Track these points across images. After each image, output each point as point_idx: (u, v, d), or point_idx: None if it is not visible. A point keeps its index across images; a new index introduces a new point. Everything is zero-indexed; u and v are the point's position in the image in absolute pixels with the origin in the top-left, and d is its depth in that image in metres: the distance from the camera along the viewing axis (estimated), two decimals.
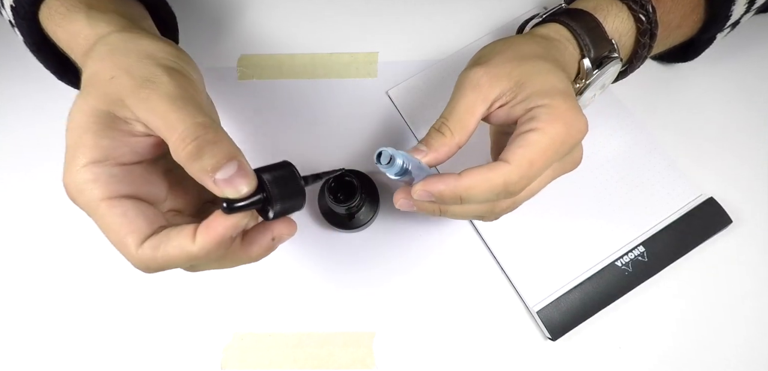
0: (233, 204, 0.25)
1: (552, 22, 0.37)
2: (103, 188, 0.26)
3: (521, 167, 0.30)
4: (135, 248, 0.26)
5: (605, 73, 0.36)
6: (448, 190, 0.30)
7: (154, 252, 0.26)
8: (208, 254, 0.26)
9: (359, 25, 0.50)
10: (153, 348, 0.39)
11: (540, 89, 0.31)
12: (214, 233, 0.25)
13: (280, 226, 0.29)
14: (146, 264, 0.26)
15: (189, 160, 0.25)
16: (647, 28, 0.36)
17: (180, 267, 0.27)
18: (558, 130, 0.30)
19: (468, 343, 0.39)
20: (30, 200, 0.44)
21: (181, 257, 0.26)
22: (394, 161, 0.29)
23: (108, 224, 0.26)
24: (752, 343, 0.38)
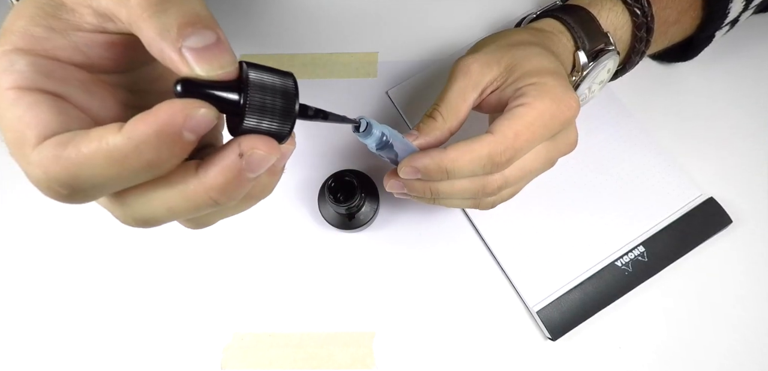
0: (192, 85, 0.18)
1: (546, 17, 0.38)
2: (15, 77, 0.18)
3: (506, 138, 0.29)
4: (32, 146, 0.18)
5: (601, 65, 0.36)
6: (433, 163, 0.30)
7: (60, 150, 0.17)
8: (142, 154, 0.17)
9: (359, 25, 0.50)
10: (153, 348, 0.39)
11: (529, 70, 0.31)
12: (153, 119, 0.17)
13: (252, 139, 0.19)
14: (45, 170, 0.18)
15: (143, 10, 0.18)
16: (643, 22, 0.36)
17: (100, 187, 0.18)
18: (546, 105, 0.30)
19: (468, 343, 0.39)
20: (30, 199, 0.44)
21: (98, 156, 0.17)
22: (371, 131, 0.29)
23: (8, 119, 0.18)
24: (752, 343, 0.38)
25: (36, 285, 0.41)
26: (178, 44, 0.18)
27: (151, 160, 0.17)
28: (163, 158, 0.18)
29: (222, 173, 0.19)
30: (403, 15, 0.50)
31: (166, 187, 0.19)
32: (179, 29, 0.18)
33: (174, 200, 0.19)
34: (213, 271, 0.41)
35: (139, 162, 0.17)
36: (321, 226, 0.42)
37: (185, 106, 0.17)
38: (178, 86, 0.17)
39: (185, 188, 0.19)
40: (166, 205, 0.20)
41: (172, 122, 0.17)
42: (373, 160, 0.44)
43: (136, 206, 0.20)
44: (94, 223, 0.43)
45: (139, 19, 0.18)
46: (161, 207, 0.20)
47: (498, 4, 0.50)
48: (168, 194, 0.19)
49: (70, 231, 0.43)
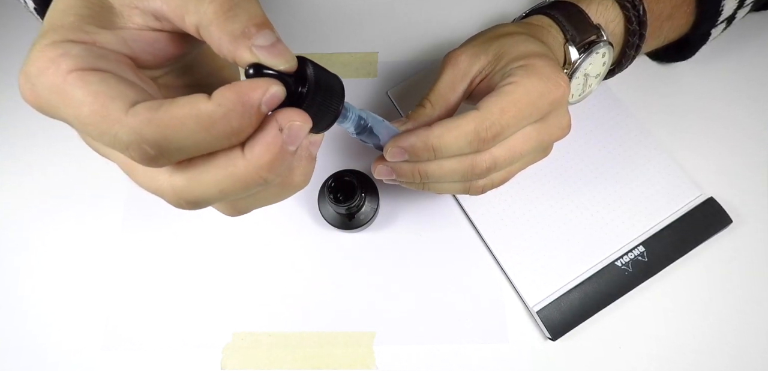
0: (263, 68, 0.20)
1: (535, 14, 0.38)
2: (74, 61, 0.19)
3: (492, 113, 0.29)
4: (123, 110, 0.19)
5: (594, 57, 0.36)
6: (418, 141, 0.30)
7: (153, 113, 0.19)
8: (230, 121, 0.19)
9: (359, 25, 0.50)
10: (153, 348, 0.39)
11: (517, 55, 0.32)
12: (239, 91, 0.19)
13: (290, 113, 0.21)
14: (140, 132, 0.18)
15: (218, 18, 0.20)
16: (635, 15, 0.37)
17: (190, 149, 0.20)
18: (533, 83, 0.30)
19: (468, 343, 0.39)
20: (30, 197, 0.44)
21: (190, 118, 0.19)
22: (346, 114, 0.27)
23: (80, 96, 0.19)
24: (752, 343, 0.38)
25: (36, 285, 0.41)
26: (249, 44, 0.20)
27: (235, 127, 0.19)
28: (245, 125, 0.19)
29: (266, 149, 0.20)
30: (403, 15, 0.50)
31: (217, 168, 0.20)
32: (248, 31, 0.20)
33: (225, 181, 0.21)
34: (213, 271, 0.41)
35: (225, 128, 0.19)
36: (321, 226, 0.42)
37: (264, 82, 0.20)
38: (250, 70, 0.20)
39: (235, 169, 0.20)
40: (218, 186, 0.21)
41: (254, 94, 0.19)
42: (373, 160, 0.44)
43: (188, 188, 0.21)
44: (94, 223, 0.43)
45: (212, 25, 0.20)
46: (213, 188, 0.21)
47: (497, 4, 0.50)
48: (219, 174, 0.21)
49: (71, 231, 0.43)
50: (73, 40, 0.20)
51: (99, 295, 0.41)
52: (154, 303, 0.40)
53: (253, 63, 0.20)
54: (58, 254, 0.42)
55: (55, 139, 0.46)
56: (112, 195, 0.44)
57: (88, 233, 0.43)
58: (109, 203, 0.44)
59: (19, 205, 0.44)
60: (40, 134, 0.46)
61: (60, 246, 0.42)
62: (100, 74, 0.19)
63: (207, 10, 0.20)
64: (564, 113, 0.33)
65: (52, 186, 0.44)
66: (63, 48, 0.19)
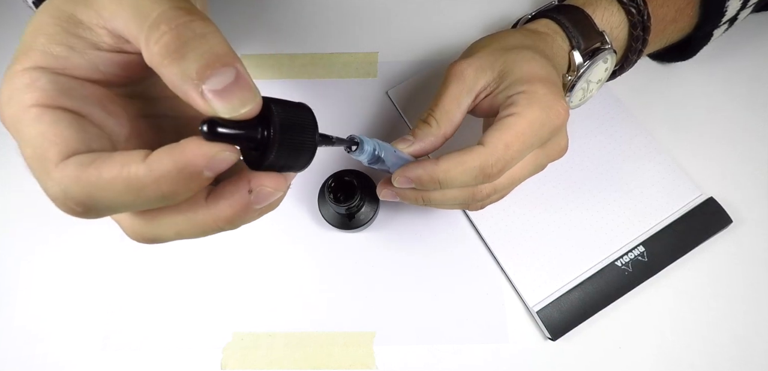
0: (218, 127, 0.18)
1: (541, 18, 0.38)
2: (37, 94, 0.19)
3: (497, 150, 0.30)
4: (55, 163, 0.18)
5: (597, 64, 0.36)
6: (425, 174, 0.31)
7: (81, 171, 0.18)
8: (160, 186, 0.18)
9: (359, 25, 0.50)
10: (153, 348, 0.39)
11: (520, 77, 0.32)
12: (177, 157, 0.18)
13: (262, 176, 0.20)
14: (65, 189, 0.18)
15: (164, 57, 0.18)
16: (639, 21, 0.37)
17: (119, 209, 0.19)
18: (536, 114, 0.30)
19: (468, 343, 0.39)
20: (30, 200, 0.44)
21: (117, 182, 0.18)
22: (363, 147, 0.29)
23: (29, 135, 0.18)
24: (752, 343, 0.38)
25: (36, 285, 0.41)
26: (199, 89, 0.18)
27: (167, 193, 0.18)
28: (180, 191, 0.18)
29: (230, 207, 0.20)
30: (403, 15, 0.50)
31: (177, 214, 0.20)
32: (199, 73, 0.18)
33: (183, 226, 0.20)
34: (213, 271, 0.41)
35: (156, 193, 0.18)
36: (321, 226, 0.42)
37: (209, 149, 0.18)
38: (204, 127, 0.18)
39: (194, 217, 0.20)
40: (175, 229, 0.21)
41: (194, 163, 0.18)
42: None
43: (146, 228, 0.21)
44: (94, 224, 0.43)
45: (161, 66, 0.18)
46: (170, 231, 0.21)
47: (497, 4, 0.50)
48: (178, 219, 0.20)
49: (71, 232, 0.43)
50: (43, 67, 0.19)
51: (99, 295, 0.41)
52: (155, 303, 0.40)
53: (206, 119, 0.18)
54: (57, 255, 0.42)
55: None
56: None
57: (87, 233, 0.43)
58: None
59: (19, 205, 0.44)
60: None
61: (59, 246, 0.42)
62: (56, 114, 0.19)
63: (154, 49, 0.18)
64: (563, 136, 0.33)
65: None
66: (31, 77, 0.19)
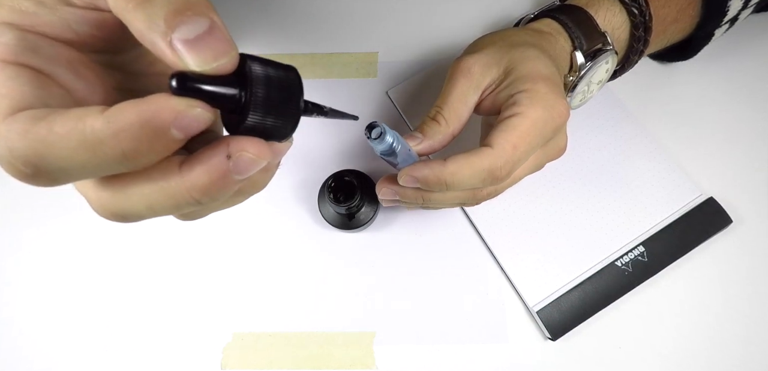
0: (188, 81, 0.16)
1: (544, 17, 0.38)
2: (0, 50, 0.17)
3: (505, 151, 0.30)
4: (2, 117, 0.16)
5: (599, 65, 0.36)
6: (433, 175, 0.30)
7: (30, 124, 0.16)
8: (120, 142, 0.16)
9: (359, 25, 0.50)
10: (153, 348, 0.39)
11: (523, 75, 0.32)
12: (141, 109, 0.16)
13: (242, 140, 0.18)
14: (11, 145, 0.16)
15: (129, 5, 0.16)
16: (641, 22, 0.36)
17: (68, 172, 0.16)
18: (539, 113, 0.30)
19: (468, 343, 0.39)
20: (31, 199, 0.44)
21: (71, 137, 0.15)
22: (384, 138, 0.29)
23: None
24: (752, 343, 0.38)
25: (36, 285, 0.41)
26: (167, 38, 0.16)
27: (128, 151, 0.16)
28: (142, 151, 0.16)
29: (206, 174, 0.17)
30: (403, 15, 0.50)
31: (146, 182, 0.18)
32: (167, 20, 0.16)
33: (154, 197, 0.18)
34: (213, 271, 0.41)
35: (115, 150, 0.16)
36: (321, 226, 0.42)
37: (178, 103, 0.16)
38: (173, 82, 0.16)
39: (166, 185, 0.18)
40: (146, 201, 0.18)
41: (160, 117, 0.15)
42: (373, 160, 0.44)
43: (113, 199, 0.19)
44: (93, 221, 0.43)
45: (125, 11, 0.16)
46: (140, 203, 0.18)
47: (497, 4, 0.50)
48: (147, 189, 0.18)
49: (70, 229, 0.43)
50: (9, 22, 0.18)
51: (99, 295, 0.41)
52: (155, 303, 0.40)
53: (176, 72, 0.16)
54: (56, 255, 0.42)
55: None
56: None
57: (88, 233, 0.43)
58: None
59: (12, 202, 0.44)
60: None
61: (58, 246, 0.42)
62: (16, 69, 0.17)
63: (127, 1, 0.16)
64: (562, 136, 0.34)
65: (51, 191, 0.45)
66: None
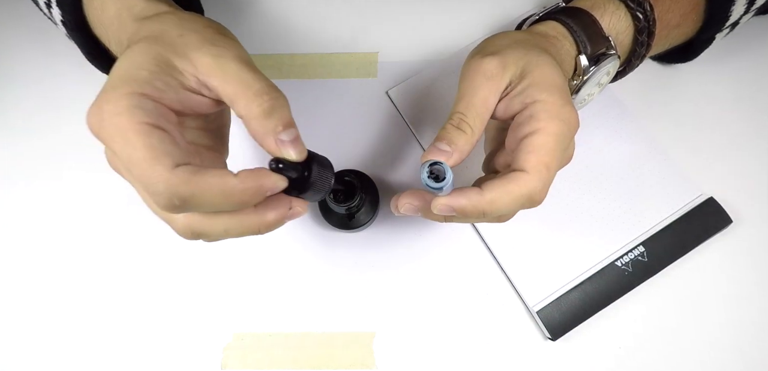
0: (280, 165, 0.27)
1: (548, 20, 0.37)
2: (144, 115, 0.25)
3: (542, 175, 0.29)
4: (169, 168, 0.24)
5: (602, 70, 0.36)
6: (471, 206, 0.30)
7: (191, 175, 0.25)
8: (244, 195, 0.26)
9: (359, 25, 0.50)
10: (153, 348, 0.39)
11: (538, 82, 0.31)
12: (258, 177, 0.26)
13: (299, 203, 0.30)
14: (175, 188, 0.24)
15: (261, 116, 0.27)
16: (645, 27, 0.36)
17: (205, 208, 0.26)
18: (559, 127, 0.30)
19: (468, 343, 0.39)
20: (31, 199, 0.44)
21: (216, 187, 0.25)
22: (447, 176, 0.29)
23: (140, 146, 0.24)
24: (752, 343, 0.38)
25: (37, 286, 0.41)
26: (276, 137, 0.27)
27: (244, 200, 0.26)
28: (250, 201, 0.27)
29: (275, 214, 0.28)
30: (403, 15, 0.50)
31: (233, 215, 0.27)
32: (278, 128, 0.27)
33: (232, 225, 0.28)
34: (213, 271, 0.41)
35: (238, 199, 0.26)
36: (321, 226, 0.42)
37: (277, 178, 0.27)
38: (272, 164, 0.28)
39: (245, 218, 0.28)
40: (225, 227, 0.27)
41: (266, 184, 0.27)
42: (373, 160, 0.44)
43: (202, 224, 0.27)
44: (94, 224, 0.43)
45: (251, 118, 0.27)
46: (220, 227, 0.27)
47: (498, 4, 0.50)
48: (231, 219, 0.27)
49: (72, 232, 0.43)
50: (146, 95, 0.25)
51: (99, 295, 0.41)
52: (155, 303, 0.40)
53: (275, 158, 0.27)
54: (59, 254, 0.42)
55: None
56: (113, 199, 0.44)
57: (89, 234, 0.43)
58: (110, 207, 0.44)
59: (12, 203, 0.44)
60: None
61: (61, 246, 0.42)
62: (159, 132, 0.25)
63: (255, 111, 0.27)
64: (572, 144, 0.33)
65: (51, 192, 0.45)
66: (138, 101, 0.25)
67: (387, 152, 0.45)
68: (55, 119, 0.47)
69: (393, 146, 0.45)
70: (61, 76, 0.48)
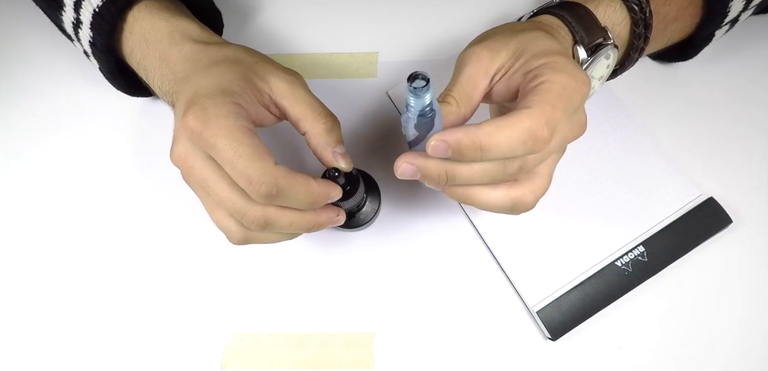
0: (336, 174, 0.35)
1: (543, 14, 0.37)
2: (244, 121, 0.31)
3: (545, 111, 0.27)
4: (273, 164, 0.30)
5: (600, 60, 0.36)
6: (467, 138, 0.28)
7: (289, 173, 0.30)
8: (318, 196, 0.32)
9: (359, 25, 0.50)
10: (153, 348, 0.39)
11: (537, 52, 0.31)
12: (328, 186, 0.34)
13: (340, 210, 0.36)
14: (277, 180, 0.29)
15: (324, 133, 0.34)
16: (641, 18, 0.36)
17: (290, 201, 0.31)
18: (567, 79, 0.29)
19: (468, 343, 0.39)
20: (31, 200, 0.44)
21: (304, 186, 0.31)
22: (429, 88, 0.26)
23: (248, 143, 0.30)
24: (752, 343, 0.38)
25: (37, 286, 0.41)
26: (333, 150, 0.34)
27: (316, 202, 0.33)
28: (318, 202, 0.33)
29: (327, 216, 0.35)
30: (403, 15, 0.50)
31: (297, 212, 0.33)
32: (334, 143, 0.34)
33: (296, 219, 0.33)
34: (213, 271, 0.41)
35: (314, 199, 0.32)
36: None
37: (336, 188, 0.34)
38: (328, 172, 0.36)
39: (306, 215, 0.33)
40: (291, 219, 0.33)
41: (332, 192, 0.34)
42: (373, 160, 0.44)
43: (278, 215, 0.32)
44: (95, 224, 0.43)
45: (318, 136, 0.34)
46: (287, 219, 0.32)
47: (498, 4, 0.50)
48: (296, 215, 0.33)
49: (72, 232, 0.43)
50: (241, 105, 0.31)
51: (99, 295, 0.41)
52: (155, 303, 0.40)
53: (329, 167, 0.35)
54: (59, 255, 0.42)
55: (49, 142, 0.46)
56: (114, 199, 0.44)
57: (89, 234, 0.43)
58: (110, 208, 0.44)
59: (13, 203, 0.44)
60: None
61: (61, 246, 0.42)
62: (253, 135, 0.31)
63: (319, 128, 0.34)
64: (583, 110, 0.32)
65: (53, 192, 0.45)
66: (237, 108, 0.31)
67: (387, 152, 0.45)
68: (57, 118, 0.47)
69: (393, 146, 0.45)
70: (61, 74, 0.48)
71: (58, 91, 0.48)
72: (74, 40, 0.40)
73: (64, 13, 0.39)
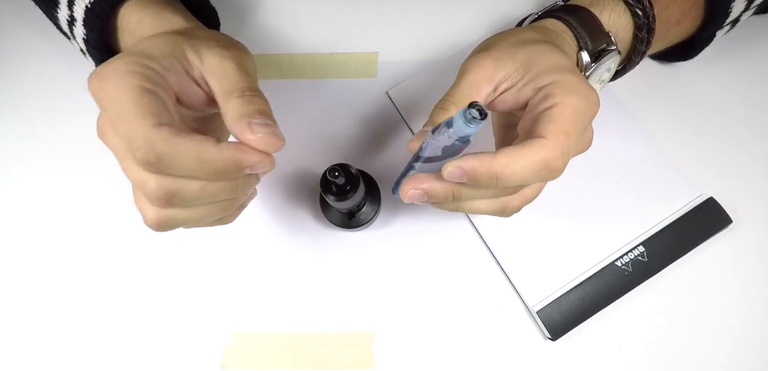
0: (335, 172, 0.34)
1: (548, 17, 0.37)
2: (141, 79, 0.26)
3: (559, 140, 0.27)
4: (152, 125, 0.25)
5: (603, 66, 0.36)
6: (482, 168, 0.27)
7: (171, 135, 0.25)
8: (222, 164, 0.26)
9: (359, 25, 0.50)
10: (153, 348, 0.39)
11: (547, 67, 0.30)
12: (238, 150, 0.27)
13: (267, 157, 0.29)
14: (152, 144, 0.25)
15: (240, 104, 0.28)
16: (644, 23, 0.36)
17: (179, 170, 0.26)
18: (578, 102, 0.29)
19: (468, 343, 0.39)
20: (31, 199, 0.44)
21: (193, 151, 0.26)
22: (481, 124, 0.25)
23: (128, 102, 0.25)
24: (752, 343, 0.38)
25: (37, 286, 0.41)
26: (249, 121, 0.27)
27: (221, 171, 0.27)
28: (228, 175, 0.27)
29: (246, 182, 0.30)
30: (403, 15, 0.50)
31: (206, 182, 0.28)
32: (253, 114, 0.27)
33: (201, 190, 0.27)
34: (213, 271, 0.41)
35: (214, 168, 0.26)
36: (321, 225, 0.42)
37: (257, 154, 0.27)
38: (332, 171, 0.34)
39: (218, 185, 0.28)
40: (193, 190, 0.27)
41: (246, 161, 0.27)
42: (373, 160, 0.44)
43: (177, 184, 0.27)
44: (95, 223, 0.43)
45: (232, 109, 0.28)
46: (190, 191, 0.27)
47: (498, 4, 0.50)
48: (203, 184, 0.27)
49: (72, 231, 0.43)
50: (151, 67, 0.27)
51: (99, 295, 0.41)
52: (155, 303, 0.40)
53: (333, 166, 0.35)
54: (59, 255, 0.42)
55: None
56: (114, 198, 0.44)
57: (89, 233, 0.43)
58: (110, 207, 0.44)
59: (13, 203, 0.44)
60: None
61: (61, 246, 0.42)
62: (152, 96, 0.26)
63: (234, 100, 0.28)
64: (591, 129, 0.32)
65: (52, 191, 0.45)
66: (139, 67, 0.26)
67: (387, 152, 0.45)
68: (57, 118, 0.47)
69: (393, 146, 0.45)
70: (61, 74, 0.48)
71: (58, 91, 0.48)
72: (70, 38, 0.40)
73: (59, 11, 0.38)
